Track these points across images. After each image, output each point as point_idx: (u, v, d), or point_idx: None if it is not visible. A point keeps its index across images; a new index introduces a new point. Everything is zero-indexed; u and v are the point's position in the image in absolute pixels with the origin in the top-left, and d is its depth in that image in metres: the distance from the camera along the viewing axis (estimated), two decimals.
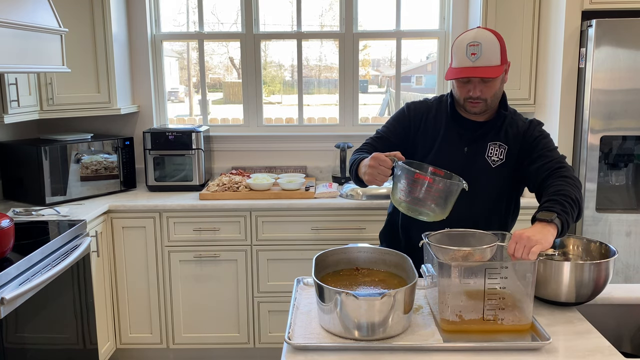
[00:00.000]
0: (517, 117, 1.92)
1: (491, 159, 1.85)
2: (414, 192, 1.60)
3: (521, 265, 1.45)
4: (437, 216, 1.64)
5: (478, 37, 1.72)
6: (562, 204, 1.58)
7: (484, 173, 1.85)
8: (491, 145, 1.86)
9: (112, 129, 3.57)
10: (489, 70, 1.71)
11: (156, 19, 3.58)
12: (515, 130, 1.87)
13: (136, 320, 3.10)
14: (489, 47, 1.71)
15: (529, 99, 3.19)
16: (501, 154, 1.85)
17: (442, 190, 1.59)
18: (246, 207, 2.99)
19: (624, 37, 2.69)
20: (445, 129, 1.90)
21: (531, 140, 1.84)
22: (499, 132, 1.87)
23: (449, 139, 1.89)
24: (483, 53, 1.70)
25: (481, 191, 1.84)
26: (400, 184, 1.64)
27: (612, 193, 2.92)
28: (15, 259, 2.08)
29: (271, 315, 3.10)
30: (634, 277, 2.85)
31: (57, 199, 2.99)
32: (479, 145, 1.87)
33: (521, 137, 1.86)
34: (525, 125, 1.88)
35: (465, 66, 1.72)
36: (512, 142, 1.86)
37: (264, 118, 3.67)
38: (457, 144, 1.88)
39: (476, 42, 1.71)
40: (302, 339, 1.42)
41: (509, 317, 1.45)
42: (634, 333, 1.72)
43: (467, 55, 1.71)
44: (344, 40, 3.56)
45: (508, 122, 1.88)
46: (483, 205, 1.86)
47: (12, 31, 2.23)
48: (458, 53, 1.75)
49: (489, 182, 1.86)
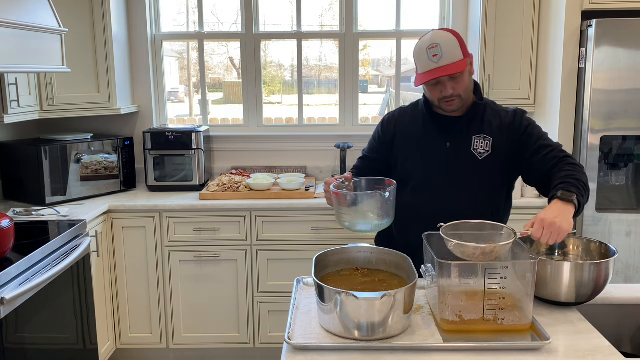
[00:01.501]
0: (497, 107, 1.92)
1: (477, 152, 1.85)
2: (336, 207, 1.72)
3: (521, 265, 1.45)
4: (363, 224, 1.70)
5: (435, 39, 1.74)
6: (577, 187, 1.62)
7: (472, 166, 1.85)
8: (476, 139, 1.86)
9: (112, 129, 3.57)
10: (454, 66, 1.73)
11: (156, 19, 3.58)
12: (499, 122, 1.87)
13: (136, 320, 3.10)
14: (448, 45, 1.73)
15: (529, 99, 3.19)
16: (487, 146, 1.85)
17: (352, 201, 1.68)
18: (246, 207, 2.99)
19: (624, 37, 2.69)
20: (423, 129, 1.92)
21: (522, 131, 1.84)
22: (481, 125, 1.87)
23: (429, 136, 1.90)
24: (444, 52, 1.72)
25: (472, 185, 1.86)
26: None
27: (612, 193, 2.92)
28: (15, 259, 2.08)
29: (271, 315, 3.10)
30: (634, 277, 2.85)
31: (57, 199, 2.99)
32: (462, 139, 1.87)
33: (507, 128, 1.86)
34: (509, 116, 1.88)
35: (430, 69, 1.74)
36: (497, 133, 1.86)
37: (264, 118, 3.67)
38: (438, 141, 1.89)
39: (435, 44, 1.73)
40: (302, 339, 1.42)
41: (509, 317, 1.45)
42: (634, 333, 1.72)
43: (430, 58, 1.73)
44: (344, 40, 3.56)
45: (489, 113, 1.89)
46: (475, 198, 1.86)
47: (12, 31, 2.23)
48: (420, 59, 1.77)
49: (478, 175, 1.86)
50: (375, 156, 2.03)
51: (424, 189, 1.89)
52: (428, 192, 1.88)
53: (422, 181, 1.89)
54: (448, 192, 1.86)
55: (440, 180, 1.87)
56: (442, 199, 1.86)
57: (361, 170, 2.01)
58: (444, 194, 1.87)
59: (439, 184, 1.87)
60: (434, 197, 1.88)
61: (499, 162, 1.85)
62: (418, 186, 1.90)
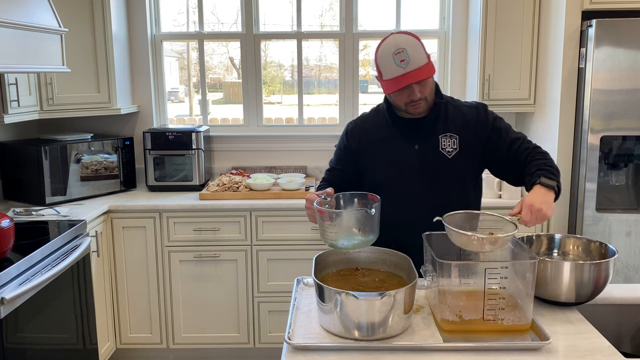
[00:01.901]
0: (457, 103, 1.93)
1: (446, 151, 1.85)
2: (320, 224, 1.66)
3: (521, 265, 1.45)
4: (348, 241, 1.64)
5: (400, 44, 1.70)
6: (555, 174, 1.70)
7: (443, 166, 1.85)
8: (442, 138, 1.85)
9: (112, 129, 3.57)
10: (423, 70, 1.71)
11: (156, 19, 3.58)
12: (463, 118, 1.87)
13: (136, 320, 3.10)
14: (413, 49, 1.70)
15: (529, 99, 3.19)
16: (454, 144, 1.85)
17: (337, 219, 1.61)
18: (246, 207, 2.99)
19: (624, 37, 2.69)
20: (389, 134, 1.89)
21: (489, 127, 1.86)
22: (445, 124, 1.87)
23: (396, 141, 1.88)
24: (411, 57, 1.69)
25: (445, 184, 1.85)
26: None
27: (612, 193, 2.92)
28: (15, 259, 2.08)
29: (271, 315, 3.10)
30: (634, 277, 2.85)
31: (57, 199, 2.99)
32: (429, 140, 1.86)
33: (473, 124, 1.86)
34: (473, 111, 1.89)
35: (400, 75, 1.70)
36: (463, 130, 1.86)
37: (264, 118, 3.67)
38: (406, 144, 1.87)
39: (400, 49, 1.69)
40: (302, 339, 1.42)
41: (509, 317, 1.45)
42: (634, 333, 1.72)
43: (397, 64, 1.69)
44: (344, 40, 3.56)
45: (451, 110, 1.88)
46: (449, 197, 1.86)
47: (12, 31, 2.23)
48: (386, 65, 1.72)
49: (450, 174, 1.86)
50: (343, 167, 1.98)
51: (398, 194, 1.86)
52: (403, 196, 1.86)
53: (395, 187, 1.87)
54: (422, 194, 1.85)
55: (414, 184, 1.85)
56: (418, 202, 1.84)
57: (331, 183, 1.95)
58: (419, 196, 1.85)
59: (413, 187, 1.85)
60: (409, 200, 1.85)
61: (468, 159, 1.86)
62: (392, 192, 1.86)
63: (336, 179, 1.97)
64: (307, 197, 1.76)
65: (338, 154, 2.02)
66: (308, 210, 1.76)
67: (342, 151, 1.99)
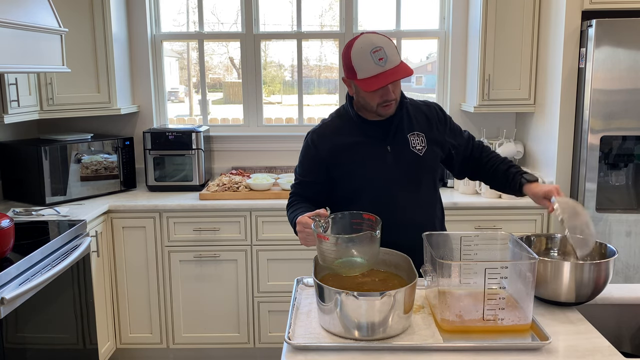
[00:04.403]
0: (415, 102, 1.95)
1: (416, 149, 1.85)
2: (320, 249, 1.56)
3: (521, 265, 1.45)
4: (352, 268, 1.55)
5: (376, 42, 1.68)
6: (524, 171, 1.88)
7: (416, 164, 1.85)
8: (411, 137, 1.86)
9: (112, 129, 3.57)
10: (401, 70, 1.70)
11: (156, 19, 3.58)
12: (423, 116, 1.91)
13: (136, 320, 3.10)
14: (389, 48, 1.69)
15: (529, 99, 3.19)
16: (422, 142, 1.87)
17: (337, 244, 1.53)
18: (246, 207, 2.99)
19: (624, 37, 2.69)
20: (358, 138, 1.85)
21: (448, 127, 1.93)
22: (410, 123, 1.87)
23: (367, 145, 1.84)
24: (388, 55, 1.67)
25: (422, 181, 1.87)
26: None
27: (612, 193, 2.92)
28: (15, 259, 2.08)
29: (271, 315, 3.10)
30: (634, 277, 2.85)
31: (57, 199, 2.99)
32: (399, 140, 1.85)
33: (434, 122, 1.91)
34: (432, 110, 1.93)
35: (379, 73, 1.68)
36: (426, 127, 1.89)
37: (264, 118, 3.67)
38: (377, 146, 1.84)
39: (378, 47, 1.67)
40: (302, 339, 1.42)
41: (509, 317, 1.45)
42: (634, 333, 1.72)
43: (376, 62, 1.67)
44: (344, 40, 3.56)
45: (413, 109, 1.90)
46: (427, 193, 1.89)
47: (12, 31, 2.23)
48: (364, 63, 1.68)
49: (425, 170, 1.88)
50: (313, 178, 1.90)
51: (379, 197, 1.83)
52: (383, 200, 1.83)
53: (373, 190, 1.84)
54: (402, 194, 1.83)
55: (391, 185, 1.83)
56: (397, 201, 1.83)
57: (304, 197, 1.91)
58: (397, 196, 1.83)
59: (391, 189, 1.83)
60: (390, 203, 1.83)
61: (435, 155, 1.90)
62: (372, 197, 1.83)
63: (308, 192, 1.91)
64: (298, 221, 1.66)
65: (305, 165, 1.92)
66: (301, 234, 1.67)
67: (311, 161, 1.90)
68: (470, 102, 3.35)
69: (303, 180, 1.93)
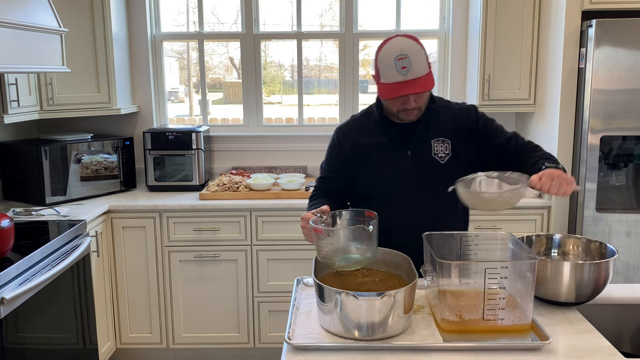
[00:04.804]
0: (450, 105, 1.90)
1: (438, 156, 1.83)
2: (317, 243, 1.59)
3: (521, 265, 1.45)
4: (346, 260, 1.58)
5: (404, 49, 1.66)
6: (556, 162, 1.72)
7: (435, 171, 1.83)
8: (435, 143, 1.83)
9: (112, 129, 3.57)
10: (423, 82, 1.67)
11: (156, 19, 3.58)
12: (455, 123, 1.85)
13: (136, 320, 3.10)
14: (417, 57, 1.66)
15: (529, 99, 3.19)
16: (446, 149, 1.83)
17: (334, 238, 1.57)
18: (246, 207, 2.99)
19: (624, 37, 2.69)
20: (381, 139, 1.86)
21: (480, 129, 1.86)
22: (437, 128, 1.84)
23: (389, 147, 1.85)
24: (413, 65, 1.64)
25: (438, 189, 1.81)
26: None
27: (612, 193, 2.92)
28: (15, 259, 2.08)
29: (271, 315, 3.10)
30: (634, 277, 2.85)
31: (57, 199, 2.99)
32: (422, 145, 1.84)
33: (463, 128, 1.85)
34: (462, 114, 1.87)
35: (398, 81, 1.66)
36: (454, 134, 1.84)
37: (264, 118, 3.67)
38: (398, 150, 1.84)
39: (404, 55, 1.65)
40: (302, 339, 1.42)
41: (509, 317, 1.45)
42: (634, 333, 1.72)
43: (398, 70, 1.65)
44: (344, 40, 3.56)
45: (443, 114, 1.86)
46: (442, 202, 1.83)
47: (12, 31, 2.23)
48: (386, 69, 1.68)
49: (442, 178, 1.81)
50: (337, 175, 1.93)
51: (391, 199, 1.84)
52: (395, 202, 1.84)
53: (387, 192, 1.85)
54: (414, 199, 1.83)
55: (407, 189, 1.83)
56: (410, 207, 1.83)
57: (327, 192, 1.93)
58: (411, 202, 1.83)
59: (405, 193, 1.83)
60: (401, 206, 1.84)
61: (460, 163, 1.84)
62: (384, 198, 1.85)
63: (331, 187, 1.94)
64: (302, 217, 1.69)
65: (330, 161, 1.96)
66: (304, 230, 1.69)
67: (335, 157, 1.94)
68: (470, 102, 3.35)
69: (327, 175, 1.97)
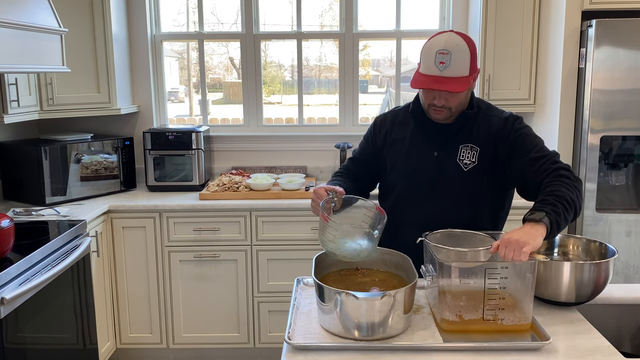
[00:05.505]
0: (491, 112, 1.82)
1: (463, 162, 1.78)
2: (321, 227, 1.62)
3: (521, 265, 1.45)
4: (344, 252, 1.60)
5: (449, 45, 1.63)
6: (554, 204, 1.52)
7: (456, 177, 1.79)
8: (463, 148, 1.79)
9: (112, 129, 3.57)
10: (455, 83, 1.64)
11: (156, 19, 3.58)
12: (488, 130, 1.78)
13: (136, 320, 3.10)
14: (459, 56, 1.63)
15: (529, 99, 3.19)
16: (473, 157, 1.78)
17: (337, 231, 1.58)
18: (246, 207, 2.99)
19: (624, 37, 2.69)
20: (412, 134, 1.86)
21: (512, 141, 1.75)
22: (469, 134, 1.79)
23: (418, 144, 1.84)
24: (452, 63, 1.62)
25: (455, 195, 1.80)
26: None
27: (612, 193, 2.92)
28: (15, 259, 2.08)
29: (271, 315, 3.10)
30: (634, 277, 2.85)
31: (57, 199, 2.99)
32: (449, 148, 1.80)
33: (494, 136, 1.76)
34: (500, 123, 1.78)
35: (432, 74, 1.65)
36: (484, 142, 1.77)
37: (264, 118, 3.67)
38: (426, 148, 1.83)
39: (446, 51, 1.62)
40: (302, 339, 1.42)
41: (509, 317, 1.45)
42: (634, 333, 1.72)
43: (436, 64, 1.63)
44: (344, 40, 3.56)
45: (480, 120, 1.79)
46: (460, 209, 1.80)
47: (12, 31, 2.23)
48: (426, 59, 1.67)
49: (462, 186, 1.79)
50: (365, 159, 1.97)
51: (410, 196, 1.84)
52: (412, 199, 1.84)
53: (405, 189, 1.85)
54: (429, 201, 1.82)
55: (426, 189, 1.82)
56: (424, 208, 1.82)
57: (351, 172, 1.95)
58: (425, 203, 1.82)
59: (424, 193, 1.82)
60: (415, 205, 1.83)
61: (484, 174, 1.78)
62: (401, 194, 1.85)
63: (358, 170, 1.97)
64: (315, 190, 1.72)
65: (363, 144, 2.00)
66: (313, 203, 1.72)
67: (367, 143, 1.98)
68: None
69: (356, 157, 2.00)
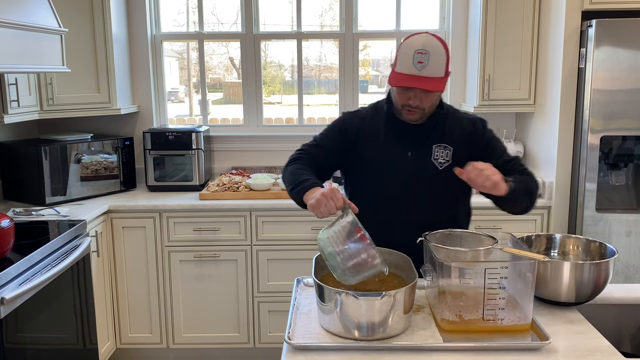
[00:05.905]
0: (459, 115, 1.89)
1: (437, 162, 1.81)
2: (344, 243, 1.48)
3: (521, 265, 1.45)
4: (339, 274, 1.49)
5: (427, 45, 1.65)
6: (519, 181, 1.69)
7: (432, 176, 1.81)
8: (436, 148, 1.82)
9: (112, 129, 3.57)
10: (434, 82, 1.66)
11: (156, 19, 3.58)
12: (460, 131, 1.84)
13: (136, 320, 3.10)
14: (437, 57, 1.66)
15: (529, 99, 3.19)
16: (447, 156, 1.82)
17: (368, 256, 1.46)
18: (246, 207, 2.99)
19: (624, 37, 2.69)
20: (384, 135, 1.86)
21: (484, 144, 1.84)
22: (442, 134, 1.83)
23: (390, 145, 1.85)
24: (430, 63, 1.64)
25: (431, 194, 1.82)
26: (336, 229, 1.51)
27: (612, 193, 2.92)
28: (15, 259, 2.08)
29: (271, 315, 3.10)
30: (634, 277, 2.85)
31: (57, 199, 2.99)
32: (423, 148, 1.83)
33: (469, 137, 1.83)
34: (470, 125, 1.85)
35: (411, 74, 1.66)
36: (458, 142, 1.82)
37: (264, 118, 3.67)
38: (399, 149, 1.84)
39: (424, 50, 1.64)
40: (302, 339, 1.42)
41: (509, 317, 1.45)
42: (634, 333, 1.72)
43: (414, 63, 1.65)
44: (344, 40, 3.56)
45: (450, 121, 1.85)
46: (432, 208, 1.82)
47: (12, 31, 2.23)
48: (404, 58, 1.68)
49: (439, 185, 1.82)
50: (330, 147, 1.89)
51: (385, 196, 1.84)
52: (388, 199, 1.83)
53: (380, 189, 1.84)
54: (406, 201, 1.82)
55: (399, 189, 1.82)
56: (400, 208, 1.82)
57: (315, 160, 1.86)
58: (401, 203, 1.82)
59: (398, 193, 1.82)
60: (391, 205, 1.83)
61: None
62: (377, 193, 1.84)
63: (318, 156, 1.88)
64: (332, 188, 1.56)
65: (328, 133, 1.93)
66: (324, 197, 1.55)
67: (334, 131, 1.92)
68: (470, 102, 3.35)
69: (319, 143, 1.91)
